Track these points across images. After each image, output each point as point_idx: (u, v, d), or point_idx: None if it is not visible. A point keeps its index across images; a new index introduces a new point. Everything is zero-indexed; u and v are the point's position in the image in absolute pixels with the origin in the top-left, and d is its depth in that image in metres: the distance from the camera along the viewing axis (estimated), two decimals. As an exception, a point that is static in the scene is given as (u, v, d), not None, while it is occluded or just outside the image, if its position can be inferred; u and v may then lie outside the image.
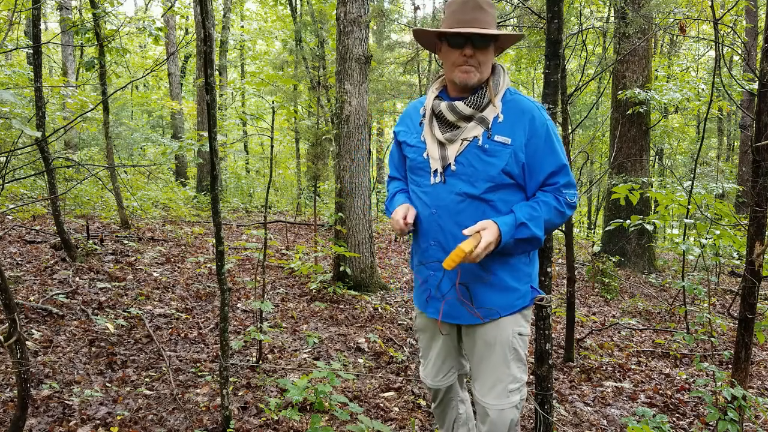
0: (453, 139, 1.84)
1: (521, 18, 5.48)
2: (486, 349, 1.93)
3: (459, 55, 1.79)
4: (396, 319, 4.85)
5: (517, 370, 1.95)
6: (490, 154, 1.81)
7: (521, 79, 15.51)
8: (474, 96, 1.83)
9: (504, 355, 1.92)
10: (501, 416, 1.93)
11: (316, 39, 9.30)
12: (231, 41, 17.02)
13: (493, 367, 1.93)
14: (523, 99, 1.86)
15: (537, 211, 1.81)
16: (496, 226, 1.76)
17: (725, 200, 11.32)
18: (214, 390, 3.12)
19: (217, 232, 2.42)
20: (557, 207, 1.83)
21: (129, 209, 8.37)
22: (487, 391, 1.94)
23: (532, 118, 1.81)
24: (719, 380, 2.69)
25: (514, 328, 1.93)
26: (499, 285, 1.89)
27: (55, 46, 15.22)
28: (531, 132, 1.80)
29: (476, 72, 1.80)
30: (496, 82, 1.85)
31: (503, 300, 1.90)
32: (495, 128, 1.82)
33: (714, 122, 15.60)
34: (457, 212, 1.85)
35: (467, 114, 1.82)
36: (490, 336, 1.92)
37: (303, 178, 12.26)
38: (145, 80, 20.44)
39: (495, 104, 1.82)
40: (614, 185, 7.53)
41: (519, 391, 1.96)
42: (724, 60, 3.51)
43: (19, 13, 8.00)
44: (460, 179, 1.84)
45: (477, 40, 1.77)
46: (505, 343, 1.91)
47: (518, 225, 1.79)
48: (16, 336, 2.07)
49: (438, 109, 1.87)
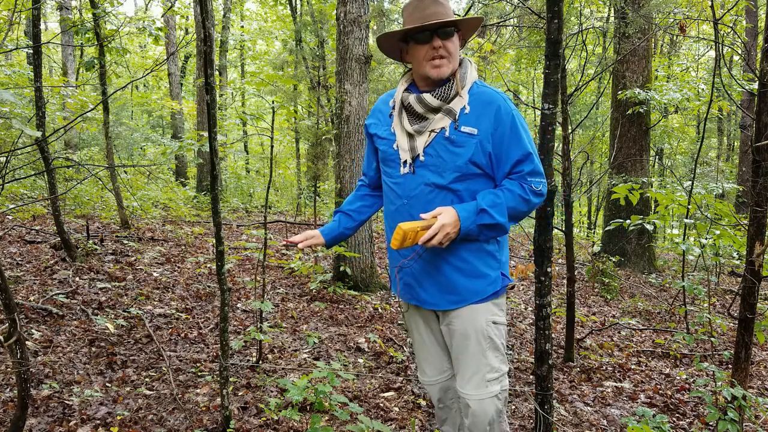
0: (421, 130, 1.90)
1: (521, 18, 5.48)
2: (462, 339, 1.97)
3: (428, 49, 1.85)
4: (396, 319, 4.85)
5: (495, 360, 1.97)
6: (457, 144, 1.86)
7: (521, 79, 15.50)
8: (441, 88, 1.88)
9: (479, 344, 1.95)
10: (481, 406, 1.95)
11: (316, 39, 9.30)
12: (231, 41, 17.02)
13: (469, 357, 1.96)
14: (489, 90, 1.91)
15: (500, 198, 1.86)
16: (454, 211, 1.82)
17: (725, 200, 11.32)
18: (214, 390, 3.12)
19: (217, 232, 2.42)
20: (521, 195, 1.87)
21: (129, 209, 8.37)
22: (466, 381, 1.97)
23: (498, 108, 1.86)
24: (719, 380, 2.69)
25: (488, 316, 1.96)
26: (468, 270, 1.94)
27: (55, 46, 15.22)
28: (497, 122, 1.85)
29: (447, 62, 1.86)
30: (462, 74, 1.90)
31: (473, 285, 1.94)
32: (462, 119, 1.87)
33: (714, 122, 15.59)
34: (426, 202, 1.91)
35: (435, 106, 1.88)
36: (464, 325, 1.96)
37: (303, 178, 12.26)
38: (145, 80, 20.45)
39: (462, 95, 1.88)
40: (614, 185, 7.53)
41: (498, 381, 1.98)
42: (724, 60, 3.51)
43: (19, 13, 8.00)
44: (428, 170, 1.90)
45: (441, 32, 1.83)
46: (479, 331, 1.95)
47: (479, 211, 1.83)
48: (16, 336, 2.07)
49: (407, 102, 1.93)
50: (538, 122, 3.49)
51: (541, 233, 2.21)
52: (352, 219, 2.21)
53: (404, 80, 2.01)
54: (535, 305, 2.27)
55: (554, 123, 2.20)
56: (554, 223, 2.30)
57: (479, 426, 1.98)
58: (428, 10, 1.84)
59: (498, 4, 5.76)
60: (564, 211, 3.94)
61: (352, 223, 2.20)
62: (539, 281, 2.24)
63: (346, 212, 2.21)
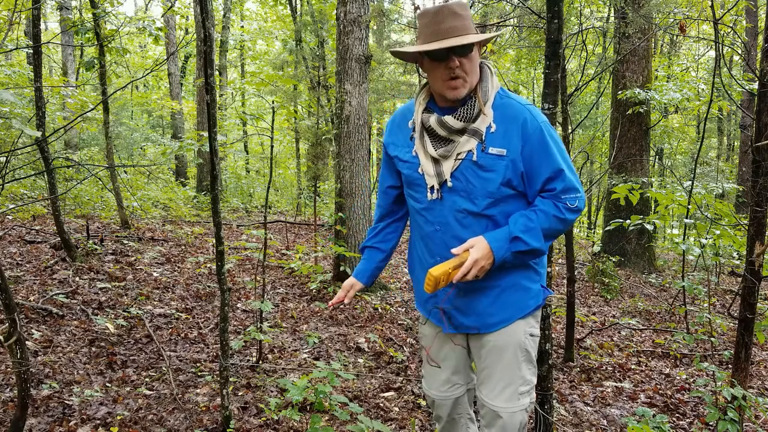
0: (447, 155, 1.78)
1: (521, 18, 5.48)
2: (497, 351, 1.89)
3: (444, 68, 1.70)
4: (396, 319, 4.85)
5: (528, 372, 1.91)
6: (486, 169, 1.75)
7: (521, 79, 15.50)
8: (463, 108, 1.75)
9: (516, 357, 1.88)
10: (512, 419, 1.89)
11: (316, 39, 9.30)
12: (231, 41, 17.01)
13: (503, 369, 1.88)
14: (514, 103, 1.78)
15: (533, 222, 1.75)
16: (486, 243, 1.73)
17: (725, 200, 11.32)
18: (214, 390, 3.12)
19: (217, 232, 2.42)
20: (556, 214, 1.77)
21: (129, 209, 8.37)
22: (498, 394, 1.89)
23: (525, 122, 1.74)
24: (719, 380, 2.69)
25: (526, 329, 1.90)
26: (508, 288, 1.85)
27: (55, 46, 15.22)
28: (524, 138, 1.74)
29: (465, 82, 1.72)
30: (484, 89, 1.77)
31: (515, 302, 1.87)
32: (489, 140, 1.75)
33: (714, 122, 15.60)
34: (460, 228, 1.81)
35: (458, 128, 1.75)
36: (502, 338, 1.88)
37: (303, 178, 12.26)
38: (145, 80, 20.45)
39: (485, 113, 1.75)
40: (614, 185, 7.53)
41: (529, 394, 1.92)
42: (724, 60, 3.51)
43: (19, 13, 8.00)
44: (459, 195, 1.79)
45: (459, 50, 1.69)
46: (517, 345, 1.88)
47: (512, 239, 1.74)
48: (16, 336, 2.07)
49: (428, 124, 1.79)
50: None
51: (541, 233, 2.21)
52: (381, 250, 2.10)
53: (422, 98, 1.86)
54: (535, 305, 2.27)
55: (554, 123, 2.20)
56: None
57: None
58: (444, 24, 1.68)
59: (498, 4, 5.77)
60: (564, 211, 3.93)
61: (381, 254, 2.10)
62: (539, 281, 2.24)
63: (372, 246, 2.11)
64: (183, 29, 19.71)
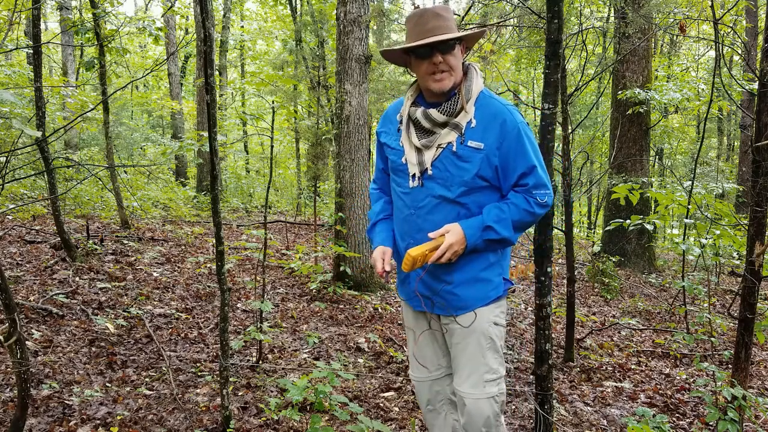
0: (429, 145, 1.94)
1: (521, 18, 5.47)
2: (463, 338, 2.01)
3: (429, 64, 1.87)
4: (396, 319, 4.85)
5: (493, 361, 2.01)
6: (463, 159, 1.90)
7: (521, 79, 15.50)
8: (447, 103, 1.92)
9: (480, 344, 1.99)
10: (476, 406, 1.97)
11: (316, 39, 9.30)
12: (231, 41, 17.00)
13: (469, 356, 2.00)
14: (495, 102, 1.93)
15: (504, 213, 1.91)
16: (461, 229, 1.88)
17: (725, 200, 11.32)
18: (214, 390, 3.12)
19: (217, 232, 2.42)
20: (526, 208, 1.92)
21: (129, 209, 8.37)
22: (464, 380, 2.01)
23: (504, 122, 1.89)
24: (719, 380, 2.69)
25: (490, 317, 2.02)
26: (472, 279, 1.99)
27: (55, 46, 15.22)
28: (502, 135, 1.88)
29: (450, 75, 1.88)
30: (468, 87, 1.92)
31: (477, 291, 2.00)
32: (468, 134, 1.90)
33: (714, 122, 15.59)
34: (433, 213, 1.96)
35: (441, 121, 1.91)
36: (467, 324, 2.00)
37: (303, 178, 12.26)
38: (145, 80, 20.45)
39: (467, 110, 1.91)
40: (614, 185, 7.52)
41: (496, 383, 2.01)
42: (724, 60, 3.51)
43: (19, 13, 8.00)
44: (436, 183, 1.94)
45: (441, 47, 1.85)
46: (480, 331, 1.99)
47: (484, 228, 1.89)
48: (16, 336, 2.07)
49: (414, 116, 1.96)
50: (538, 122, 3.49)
51: (541, 233, 2.22)
52: (391, 218, 2.19)
53: (411, 93, 2.03)
54: (535, 305, 2.27)
55: (554, 123, 2.20)
56: (554, 223, 2.30)
57: (474, 426, 1.98)
58: (429, 24, 1.86)
59: (498, 4, 5.76)
60: (564, 211, 3.94)
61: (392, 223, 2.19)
62: (539, 281, 2.24)
63: (383, 218, 2.19)
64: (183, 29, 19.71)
